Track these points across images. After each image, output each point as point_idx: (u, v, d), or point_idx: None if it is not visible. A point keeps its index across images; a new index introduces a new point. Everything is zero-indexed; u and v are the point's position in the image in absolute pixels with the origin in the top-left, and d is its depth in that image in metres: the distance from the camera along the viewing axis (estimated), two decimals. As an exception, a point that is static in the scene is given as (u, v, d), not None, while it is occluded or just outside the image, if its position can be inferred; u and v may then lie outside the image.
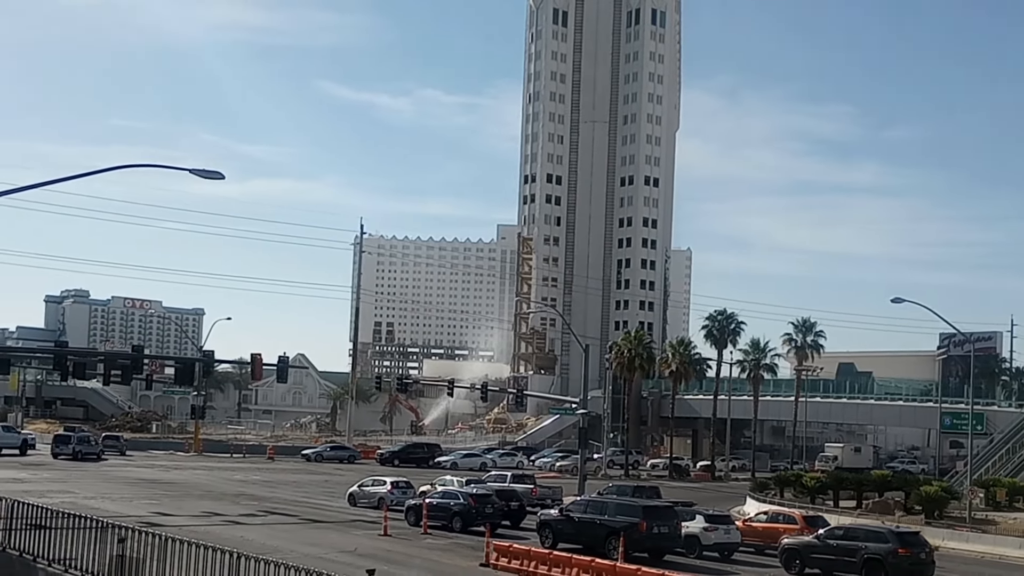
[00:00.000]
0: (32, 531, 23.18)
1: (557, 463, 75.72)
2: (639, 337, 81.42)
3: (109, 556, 20.67)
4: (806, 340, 79.05)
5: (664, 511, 33.02)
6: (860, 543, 29.45)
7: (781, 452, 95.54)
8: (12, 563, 23.02)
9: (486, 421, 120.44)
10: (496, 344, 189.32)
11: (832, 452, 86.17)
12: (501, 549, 29.02)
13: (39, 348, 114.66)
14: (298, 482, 58.38)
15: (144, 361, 45.44)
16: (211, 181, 23.16)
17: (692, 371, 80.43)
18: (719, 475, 78.71)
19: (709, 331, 79.93)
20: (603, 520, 32.29)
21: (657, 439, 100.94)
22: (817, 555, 30.27)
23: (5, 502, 24.64)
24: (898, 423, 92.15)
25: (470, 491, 40.21)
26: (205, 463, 71.42)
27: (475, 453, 78.40)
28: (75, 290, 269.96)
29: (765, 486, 55.40)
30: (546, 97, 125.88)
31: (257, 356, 45.06)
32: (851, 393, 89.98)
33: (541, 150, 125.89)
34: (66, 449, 66.26)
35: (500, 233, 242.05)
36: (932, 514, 43.43)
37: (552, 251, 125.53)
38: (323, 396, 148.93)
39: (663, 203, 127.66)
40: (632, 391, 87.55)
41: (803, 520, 34.86)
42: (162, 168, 23.16)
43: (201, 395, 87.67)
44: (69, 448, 66.27)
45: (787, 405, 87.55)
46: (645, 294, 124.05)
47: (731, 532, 34.02)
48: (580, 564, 26.82)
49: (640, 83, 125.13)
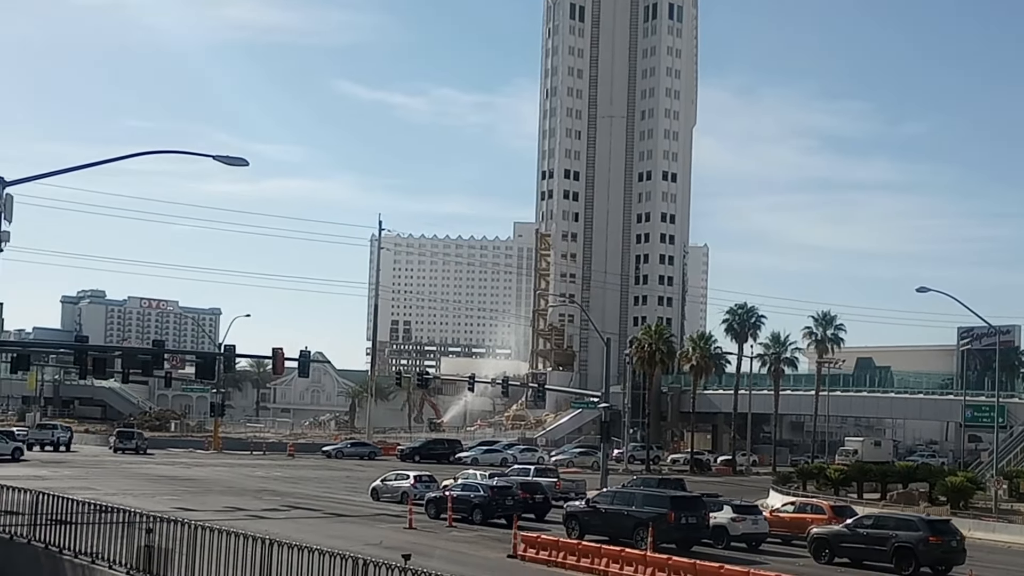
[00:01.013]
0: (57, 524, 23.08)
1: (576, 458, 75.34)
2: (659, 331, 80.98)
3: (136, 547, 20.53)
4: (826, 333, 78.42)
5: (692, 501, 32.76)
6: (890, 531, 29.12)
7: (800, 447, 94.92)
8: (38, 556, 22.93)
9: (505, 418, 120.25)
10: (513, 342, 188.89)
11: (852, 446, 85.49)
12: (529, 540, 28.77)
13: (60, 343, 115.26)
14: (319, 478, 58.33)
15: (164, 356, 45.54)
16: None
17: (712, 365, 79.93)
18: (740, 469, 78.29)
19: (729, 325, 79.45)
20: (631, 511, 32.03)
21: (677, 434, 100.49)
22: (847, 544, 29.94)
23: (29, 495, 24.58)
24: (919, 416, 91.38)
25: (490, 483, 40.15)
26: (225, 460, 71.51)
27: (496, 448, 78.18)
28: (91, 291, 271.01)
29: (788, 479, 55.01)
30: (563, 93, 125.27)
31: (279, 350, 44.94)
32: (871, 387, 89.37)
33: (558, 146, 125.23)
34: (129, 444, 74.98)
35: (516, 231, 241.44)
36: (958, 504, 43.00)
37: (570, 247, 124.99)
38: (341, 394, 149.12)
39: (681, 198, 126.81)
40: (652, 386, 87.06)
41: (831, 510, 34.47)
42: (187, 155, 23.05)
43: (220, 392, 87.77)
44: (132, 444, 75.21)
45: (807, 399, 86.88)
46: (663, 290, 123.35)
47: (759, 523, 33.70)
48: (610, 554, 26.54)
49: (658, 78, 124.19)
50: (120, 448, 74.40)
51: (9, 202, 21.99)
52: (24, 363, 41.55)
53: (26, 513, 24.06)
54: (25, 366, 42.25)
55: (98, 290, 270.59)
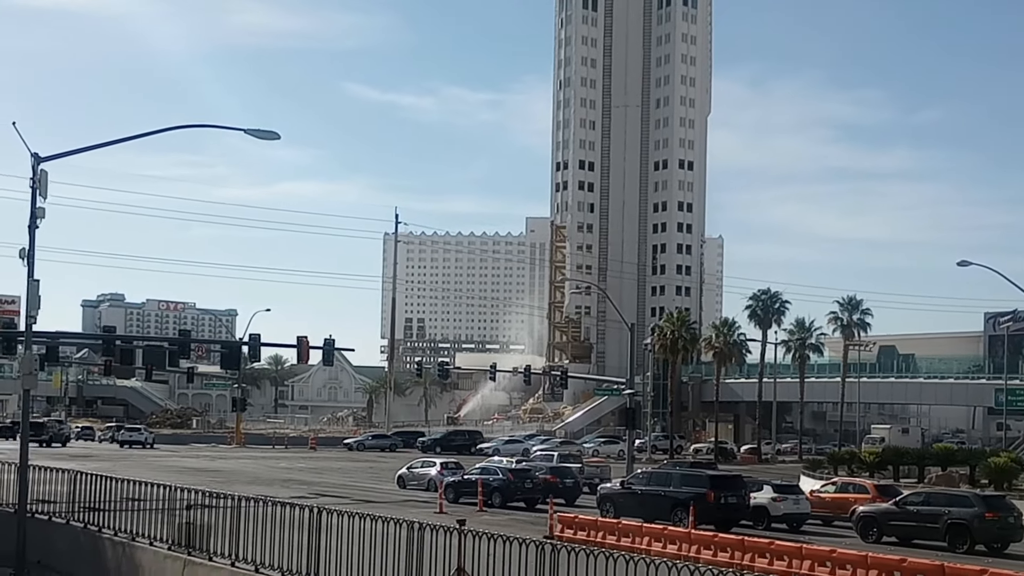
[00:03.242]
0: (95, 502, 22.77)
1: (601, 447, 74.85)
2: (682, 318, 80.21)
3: (177, 523, 20.18)
4: (852, 318, 77.38)
5: (732, 480, 32.13)
6: (943, 508, 28.31)
7: (823, 437, 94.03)
8: (76, 536, 22.59)
9: (522, 412, 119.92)
10: (527, 337, 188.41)
11: (879, 434, 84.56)
12: (566, 520, 28.14)
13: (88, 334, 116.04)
14: (343, 469, 58.18)
15: (191, 347, 45.29)
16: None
17: (736, 352, 79.12)
18: (765, 457, 77.54)
19: (753, 311, 78.46)
20: (668, 491, 31.42)
21: (699, 424, 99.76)
22: (896, 522, 29.15)
23: (67, 475, 24.26)
24: (949, 402, 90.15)
25: (509, 466, 39.88)
26: (248, 453, 71.52)
27: (517, 439, 77.82)
28: (111, 294, 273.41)
29: (818, 464, 54.17)
30: (577, 83, 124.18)
31: (304, 339, 44.61)
32: (898, 373, 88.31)
33: (573, 136, 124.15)
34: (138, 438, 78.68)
35: (529, 226, 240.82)
36: (1001, 486, 42.07)
37: (586, 238, 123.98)
38: (359, 390, 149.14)
39: (697, 187, 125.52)
40: (674, 375, 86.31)
41: (875, 489, 33.75)
42: (218, 128, 22.66)
43: (241, 387, 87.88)
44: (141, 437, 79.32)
45: (831, 387, 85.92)
46: (681, 279, 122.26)
47: (800, 502, 32.96)
48: (652, 532, 25.85)
49: (672, 65, 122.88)
50: (126, 442, 76.46)
51: (44, 178, 21.70)
52: (52, 355, 41.30)
53: (64, 493, 23.75)
54: (54, 358, 42.03)
55: (117, 293, 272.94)
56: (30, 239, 21.66)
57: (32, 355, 22.12)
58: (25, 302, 21.80)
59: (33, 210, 21.67)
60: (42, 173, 21.56)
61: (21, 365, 21.61)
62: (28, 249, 21.70)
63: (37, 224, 21.71)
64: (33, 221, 21.64)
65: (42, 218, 21.75)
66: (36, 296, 21.52)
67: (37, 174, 21.50)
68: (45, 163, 21.75)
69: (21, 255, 21.65)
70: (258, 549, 17.54)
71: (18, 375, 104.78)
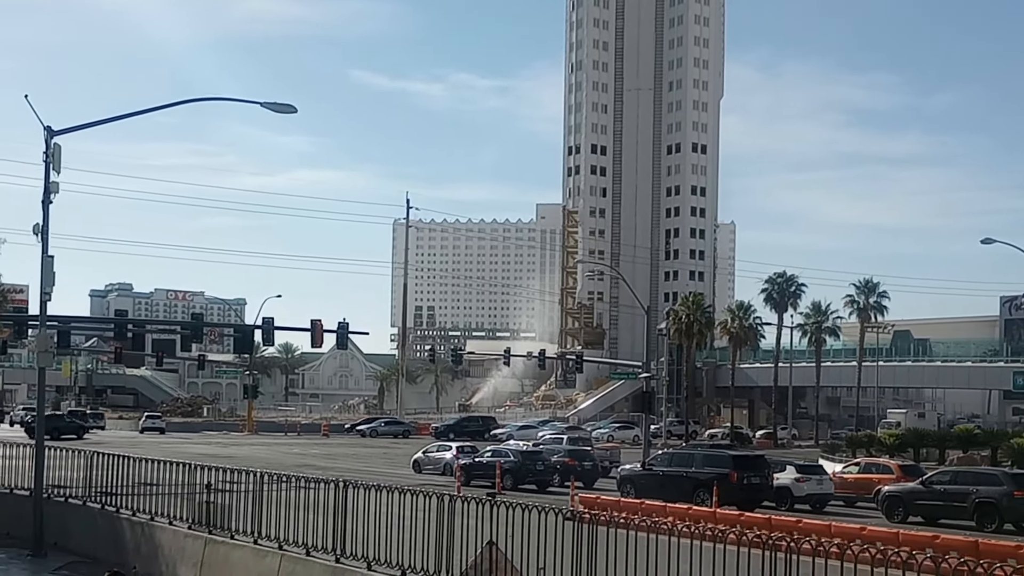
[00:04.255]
0: (112, 483, 22.44)
1: (616, 432, 74.50)
2: (697, 301, 79.61)
3: (197, 503, 19.86)
4: (869, 301, 76.71)
5: (755, 461, 31.73)
6: (971, 487, 27.86)
7: (837, 422, 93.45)
8: (94, 517, 22.26)
9: (534, 399, 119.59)
10: (537, 325, 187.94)
11: (895, 418, 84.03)
12: (588, 502, 27.75)
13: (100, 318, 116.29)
14: (357, 455, 57.92)
15: (203, 331, 45.06)
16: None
17: (751, 336, 78.51)
18: (781, 442, 77.01)
19: (768, 294, 77.81)
20: (690, 472, 31.04)
21: (713, 410, 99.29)
22: (923, 502, 28.72)
23: (84, 456, 23.93)
24: (967, 385, 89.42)
25: (520, 448, 39.76)
26: (261, 440, 71.35)
27: (531, 425, 77.51)
28: (119, 283, 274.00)
29: (836, 448, 53.68)
30: (588, 66, 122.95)
31: (318, 322, 44.28)
32: (915, 356, 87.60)
33: (585, 120, 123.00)
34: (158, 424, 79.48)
35: (539, 212, 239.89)
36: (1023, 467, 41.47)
37: (598, 223, 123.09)
38: (369, 378, 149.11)
39: (710, 170, 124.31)
40: (689, 359, 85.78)
41: (899, 469, 33.26)
42: (234, 101, 22.18)
43: (252, 374, 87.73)
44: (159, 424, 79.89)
45: (847, 371, 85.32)
46: (695, 264, 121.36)
47: (824, 483, 32.56)
48: (676, 512, 25.41)
49: (685, 47, 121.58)
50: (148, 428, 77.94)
51: (57, 152, 21.31)
52: (65, 339, 41.14)
53: (79, 476, 23.43)
54: (66, 342, 41.91)
55: (125, 283, 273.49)
56: (44, 214, 21.32)
57: (47, 333, 21.75)
58: (40, 279, 21.41)
59: (47, 184, 21.31)
60: (55, 147, 21.18)
61: (37, 343, 21.25)
62: (42, 225, 21.36)
63: (51, 199, 21.34)
64: (47, 196, 21.28)
65: (56, 193, 21.38)
66: (51, 272, 21.17)
67: (50, 147, 21.12)
68: (58, 136, 21.35)
69: (35, 230, 21.31)
70: (281, 526, 17.20)
71: (28, 365, 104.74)
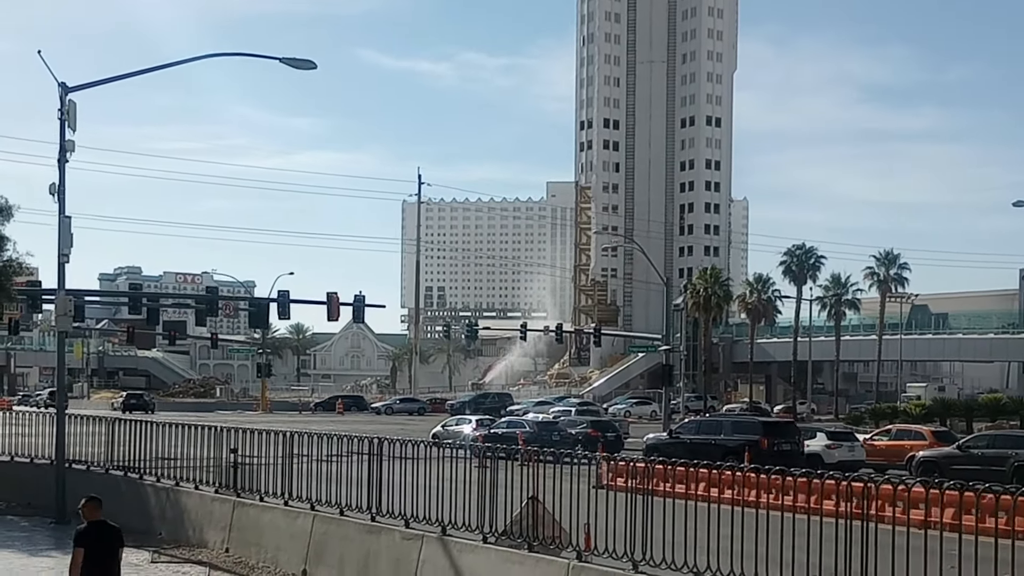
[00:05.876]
0: (135, 448, 22.01)
1: (633, 408, 74.09)
2: (715, 275, 78.83)
3: (224, 466, 19.38)
4: (889, 273, 75.76)
5: (785, 427, 31.20)
6: (1009, 451, 27.29)
7: (855, 398, 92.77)
8: (117, 483, 21.79)
9: (548, 376, 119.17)
10: (549, 304, 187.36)
11: (915, 392, 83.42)
12: (617, 469, 27.33)
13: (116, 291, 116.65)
14: (374, 431, 57.13)
15: (218, 305, 44.70)
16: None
17: (770, 309, 77.73)
18: (800, 416, 76.29)
19: (787, 267, 76.90)
20: (719, 440, 30.52)
21: (730, 385, 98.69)
22: (959, 466, 27.92)
23: (104, 422, 23.49)
24: (988, 357, 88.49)
25: (535, 419, 39.75)
26: (276, 419, 70.94)
27: (547, 402, 77.15)
28: (127, 267, 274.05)
29: (859, 420, 53.07)
30: (600, 39, 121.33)
31: (334, 295, 43.72)
32: (936, 329, 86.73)
33: (597, 94, 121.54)
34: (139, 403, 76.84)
35: (550, 190, 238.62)
36: (1054, 435, 40.74)
37: (611, 199, 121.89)
38: (381, 358, 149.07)
39: (725, 144, 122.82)
40: (706, 333, 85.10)
41: (932, 435, 32.63)
42: (254, 57, 21.51)
43: (265, 352, 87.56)
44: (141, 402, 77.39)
45: (866, 345, 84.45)
46: (709, 239, 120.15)
47: (855, 450, 31.98)
48: (706, 477, 25.00)
49: (699, 18, 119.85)
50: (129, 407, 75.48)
51: (72, 109, 20.71)
52: (79, 314, 40.64)
53: (101, 444, 22.98)
54: (80, 317, 41.47)
55: (134, 266, 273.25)
56: (60, 173, 20.77)
57: (66, 296, 21.21)
58: (57, 240, 20.85)
59: (62, 143, 20.76)
60: (70, 104, 20.60)
61: (56, 306, 20.71)
62: (58, 184, 20.80)
63: (67, 158, 20.76)
64: (63, 154, 20.72)
65: (72, 151, 20.82)
66: (68, 234, 20.64)
67: (65, 105, 20.51)
68: (73, 93, 20.73)
69: (51, 191, 20.75)
70: (312, 486, 16.71)
71: (39, 347, 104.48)
